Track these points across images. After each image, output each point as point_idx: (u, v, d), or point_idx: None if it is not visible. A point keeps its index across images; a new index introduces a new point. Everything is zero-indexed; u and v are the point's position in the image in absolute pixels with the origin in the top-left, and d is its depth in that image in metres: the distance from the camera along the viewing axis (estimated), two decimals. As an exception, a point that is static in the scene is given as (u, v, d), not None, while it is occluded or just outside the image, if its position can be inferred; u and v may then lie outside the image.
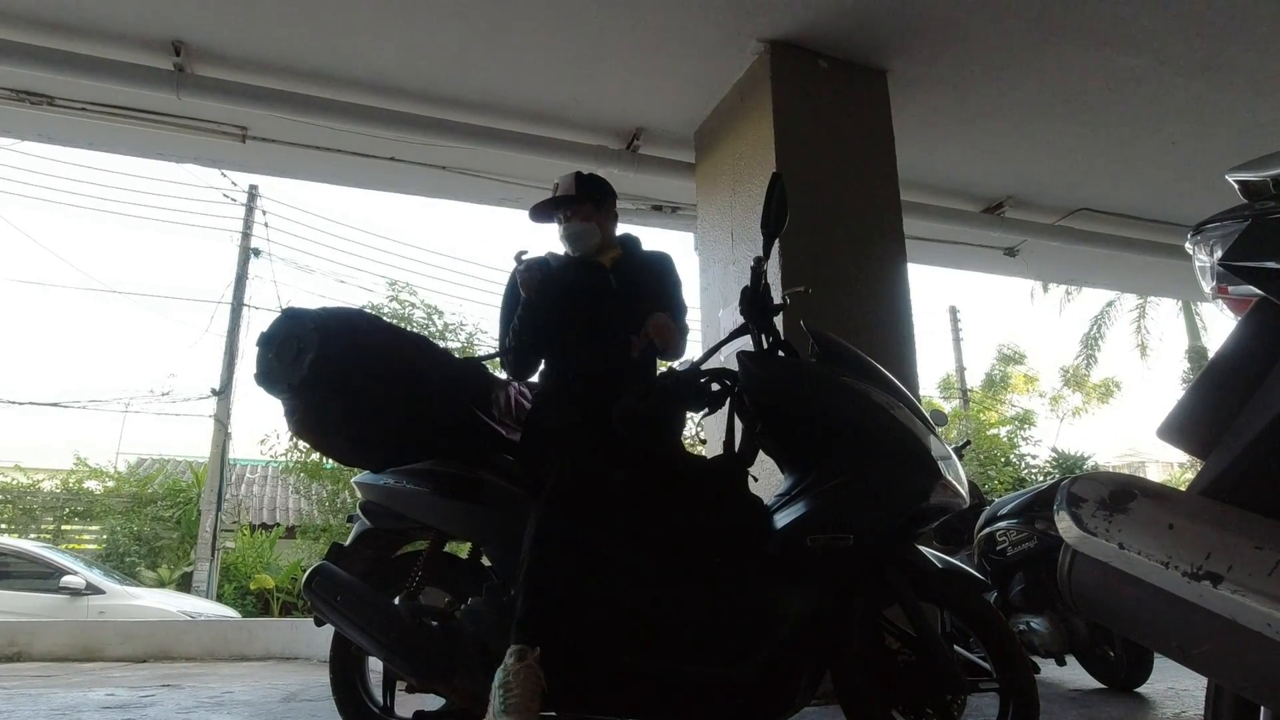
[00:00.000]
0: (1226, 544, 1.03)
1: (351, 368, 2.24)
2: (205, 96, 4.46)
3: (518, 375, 2.62)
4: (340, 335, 2.25)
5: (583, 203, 2.63)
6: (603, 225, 2.67)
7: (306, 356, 2.21)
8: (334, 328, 2.26)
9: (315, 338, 2.22)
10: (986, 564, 4.14)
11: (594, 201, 2.65)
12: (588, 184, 2.66)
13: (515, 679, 1.92)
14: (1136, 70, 4.50)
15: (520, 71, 4.54)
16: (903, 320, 4.06)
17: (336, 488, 12.10)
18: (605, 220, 2.69)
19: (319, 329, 2.24)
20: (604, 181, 2.73)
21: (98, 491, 14.48)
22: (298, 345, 2.24)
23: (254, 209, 13.94)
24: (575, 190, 2.63)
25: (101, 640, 6.67)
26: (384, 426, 2.30)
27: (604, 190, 2.70)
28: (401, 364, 2.32)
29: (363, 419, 2.28)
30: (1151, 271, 7.43)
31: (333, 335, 2.24)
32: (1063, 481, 1.23)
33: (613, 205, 2.73)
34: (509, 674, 1.93)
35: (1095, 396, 19.01)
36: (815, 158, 4.10)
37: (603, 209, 2.68)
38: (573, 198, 2.63)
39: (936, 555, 2.11)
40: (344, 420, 2.28)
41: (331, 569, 2.40)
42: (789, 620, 2.01)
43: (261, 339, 2.31)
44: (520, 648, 1.98)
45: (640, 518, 2.23)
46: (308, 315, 2.30)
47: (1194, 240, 1.39)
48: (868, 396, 2.09)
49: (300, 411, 2.28)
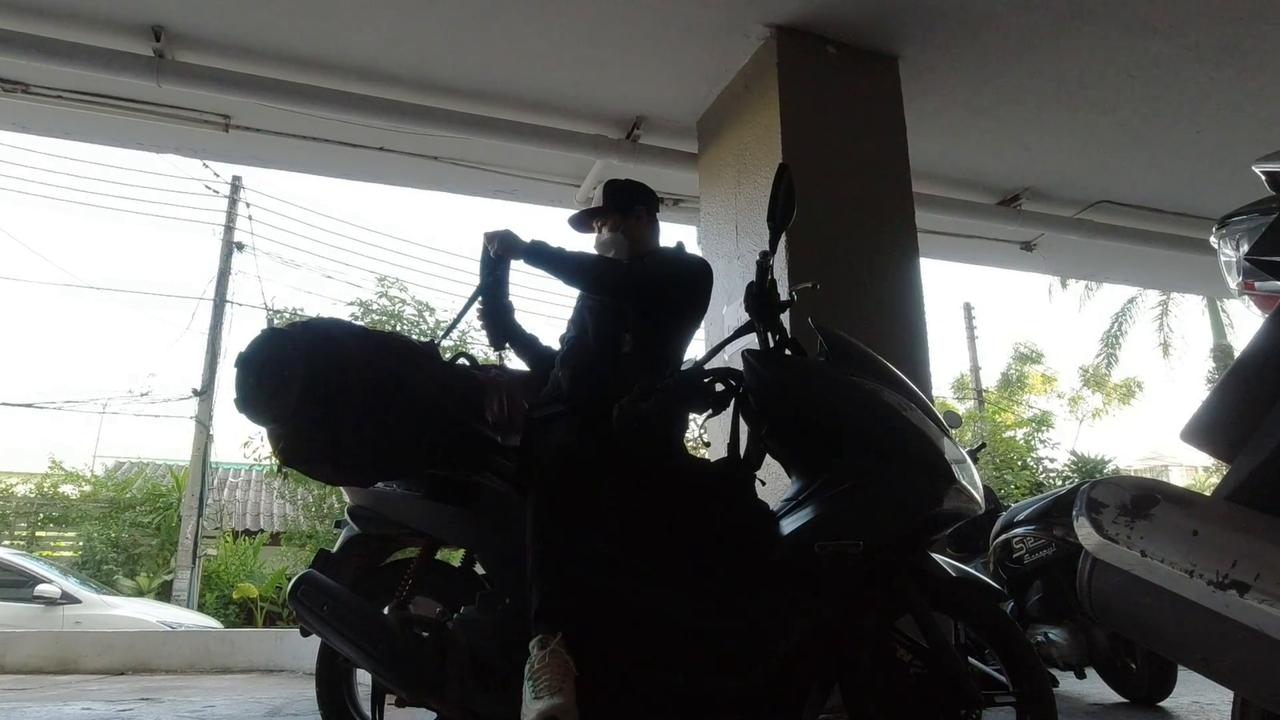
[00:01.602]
0: (1253, 551, 1.03)
1: (339, 392, 2.20)
2: (186, 84, 4.46)
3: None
4: (325, 358, 2.21)
5: (610, 213, 2.72)
6: (632, 233, 2.70)
7: (293, 386, 2.16)
8: (319, 350, 2.22)
9: (301, 367, 2.17)
10: (1002, 572, 4.15)
11: (621, 211, 2.72)
12: (613, 193, 2.75)
13: (542, 665, 1.96)
14: (1159, 57, 4.50)
15: (515, 57, 4.54)
16: (915, 317, 4.06)
17: (323, 492, 12.13)
18: (635, 228, 2.72)
19: (304, 356, 2.19)
20: (634, 187, 2.79)
21: (74, 496, 14.49)
22: (283, 373, 2.18)
23: (237, 201, 13.96)
24: (603, 200, 2.73)
25: (77, 652, 6.67)
26: (372, 447, 2.27)
27: (632, 197, 2.75)
28: (386, 377, 2.29)
29: (351, 443, 2.24)
30: (1175, 266, 7.43)
31: (318, 360, 2.20)
32: (1082, 486, 1.23)
33: (645, 212, 2.76)
34: (534, 663, 1.97)
35: (1116, 397, 19.01)
36: (823, 148, 4.10)
37: (631, 217, 2.72)
38: (600, 209, 2.73)
39: (950, 563, 2.11)
40: (332, 446, 2.23)
41: (318, 577, 2.39)
42: (796, 631, 2.01)
43: (240, 361, 2.25)
44: (542, 636, 2.01)
45: (641, 524, 2.23)
46: (291, 338, 2.26)
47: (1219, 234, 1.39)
48: (878, 397, 2.09)
49: (286, 440, 2.23)
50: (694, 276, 2.58)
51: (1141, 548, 1.11)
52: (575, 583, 2.11)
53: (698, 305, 2.61)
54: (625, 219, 2.71)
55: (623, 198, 2.74)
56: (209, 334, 13.31)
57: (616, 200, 2.73)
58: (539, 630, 2.03)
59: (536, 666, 1.96)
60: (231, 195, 13.96)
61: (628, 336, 2.45)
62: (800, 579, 2.03)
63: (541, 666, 1.96)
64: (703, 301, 2.62)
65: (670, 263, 2.59)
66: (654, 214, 2.80)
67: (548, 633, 2.01)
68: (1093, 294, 18.91)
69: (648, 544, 2.19)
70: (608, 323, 2.50)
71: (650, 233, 2.77)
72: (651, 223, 2.79)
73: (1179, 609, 1.07)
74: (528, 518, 2.17)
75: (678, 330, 2.58)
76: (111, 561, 12.80)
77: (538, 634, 2.02)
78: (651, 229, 2.78)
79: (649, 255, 2.66)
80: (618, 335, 2.46)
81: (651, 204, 2.79)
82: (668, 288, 2.50)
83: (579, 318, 2.61)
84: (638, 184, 2.81)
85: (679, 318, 2.57)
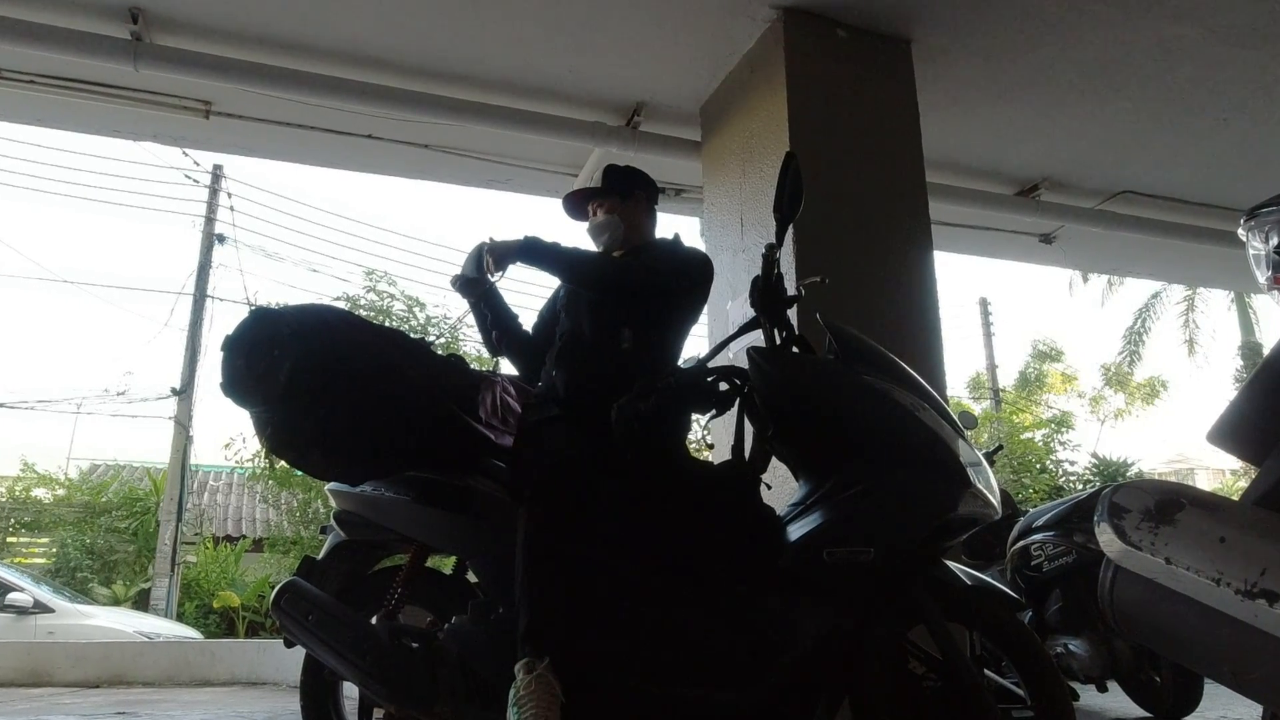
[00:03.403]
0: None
1: (331, 377, 2.21)
2: (165, 68, 4.45)
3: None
4: (318, 340, 2.23)
5: (608, 195, 2.71)
6: (629, 218, 2.70)
7: (282, 368, 2.16)
8: (310, 332, 2.23)
9: (291, 346, 2.18)
10: (1020, 580, 4.15)
11: (620, 194, 2.71)
12: (614, 175, 2.76)
13: (527, 692, 1.95)
14: (1185, 39, 4.49)
15: (510, 40, 4.53)
16: (928, 313, 4.05)
17: (308, 496, 12.10)
18: (633, 213, 2.72)
19: (295, 335, 2.20)
20: (636, 173, 2.79)
21: (46, 500, 14.51)
22: (271, 353, 2.19)
23: (218, 191, 13.96)
24: (602, 182, 2.74)
25: (50, 663, 6.68)
26: (364, 437, 2.28)
27: (632, 182, 2.76)
28: (381, 365, 2.30)
29: (342, 431, 2.25)
30: (1201, 260, 7.42)
31: (310, 341, 2.21)
32: (1104, 490, 1.23)
33: (645, 199, 2.77)
34: (519, 689, 1.96)
35: (1139, 397, 19.00)
36: (833, 136, 4.09)
37: (630, 201, 2.72)
38: (597, 190, 2.73)
39: (965, 571, 2.11)
40: (322, 434, 2.24)
41: (302, 585, 2.39)
42: (804, 642, 2.01)
43: (227, 343, 2.26)
44: (528, 660, 2.00)
45: (641, 530, 2.23)
46: (281, 318, 2.27)
47: (1248, 226, 1.39)
48: (890, 397, 2.09)
49: (274, 426, 2.24)
50: (695, 270, 2.59)
51: (1166, 555, 1.11)
52: (566, 601, 2.09)
53: (698, 300, 2.62)
54: (624, 203, 2.71)
55: (624, 181, 2.75)
56: (189, 330, 13.31)
57: (616, 182, 2.73)
58: (525, 653, 2.01)
59: (521, 693, 1.95)
60: (212, 185, 13.96)
61: (627, 333, 2.45)
62: (808, 588, 2.04)
63: (527, 694, 1.94)
64: (703, 296, 2.63)
65: (669, 256, 2.59)
66: (654, 204, 2.81)
67: (534, 657, 2.00)
68: (1115, 289, 18.91)
69: (647, 551, 2.19)
70: (606, 318, 2.50)
71: (648, 222, 2.78)
72: (650, 212, 2.79)
73: (1205, 619, 1.07)
74: (519, 527, 2.17)
75: (678, 327, 2.58)
76: (86, 569, 12.81)
77: (524, 657, 2.01)
78: (650, 218, 2.79)
79: (646, 248, 2.66)
80: (616, 332, 2.46)
81: (653, 192, 2.80)
82: (669, 282, 2.51)
83: (573, 312, 2.60)
84: (640, 170, 2.81)
85: (679, 313, 2.57)
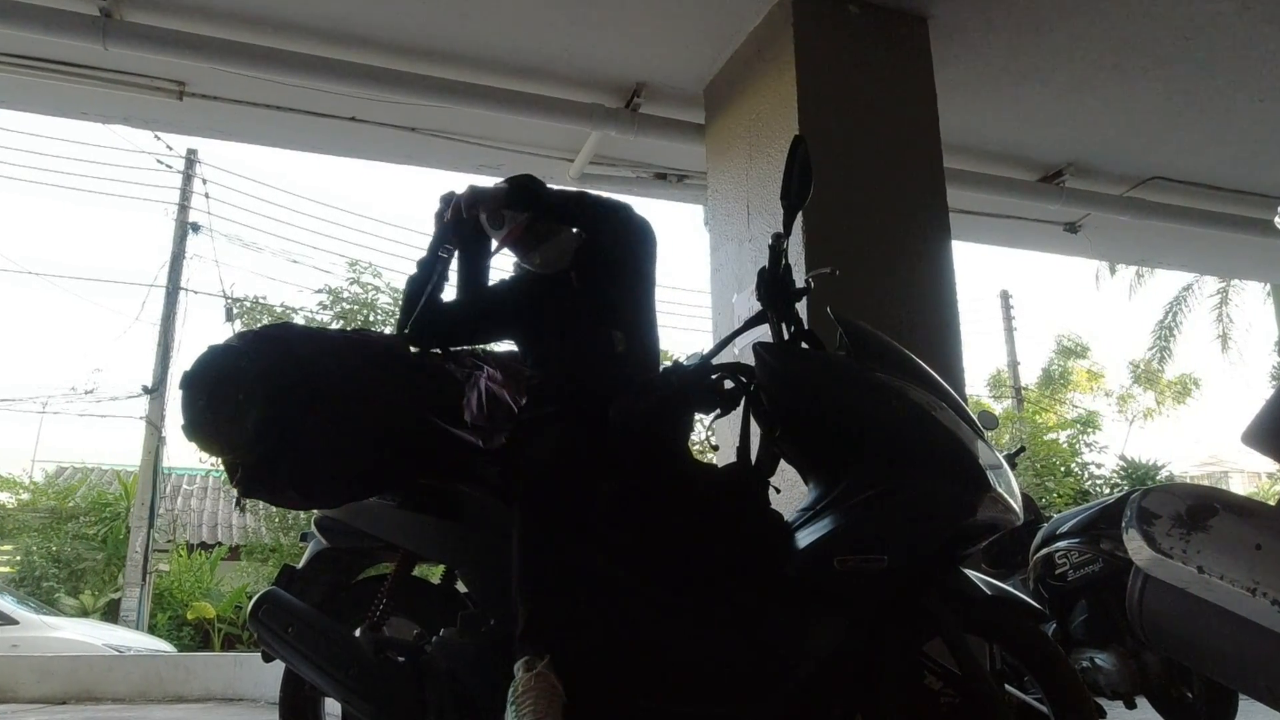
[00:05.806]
0: (1323, 567, 1.03)
1: (303, 412, 2.17)
2: (136, 46, 4.44)
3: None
4: (283, 376, 2.18)
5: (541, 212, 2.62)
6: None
7: (249, 415, 2.12)
8: (274, 367, 2.18)
9: (256, 388, 2.14)
10: (1044, 590, 4.15)
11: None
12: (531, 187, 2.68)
13: (526, 689, 1.95)
14: (1217, 16, 4.49)
15: (502, 17, 4.53)
16: (946, 307, 4.05)
17: (288, 501, 12.12)
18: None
19: (260, 374, 2.16)
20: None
21: (10, 505, 14.52)
22: (237, 396, 2.15)
23: (193, 177, 13.97)
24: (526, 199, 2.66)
25: (14, 678, 6.67)
26: (341, 470, 2.26)
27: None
28: (354, 389, 2.27)
29: (319, 468, 2.23)
30: (1235, 250, 7.42)
31: (275, 378, 2.17)
32: (1132, 494, 1.23)
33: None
34: (519, 686, 1.97)
35: (1170, 396, 19.06)
36: (844, 118, 4.09)
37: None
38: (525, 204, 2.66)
39: (985, 580, 2.11)
40: (298, 470, 2.22)
41: (282, 596, 2.40)
42: (813, 655, 2.02)
43: (186, 381, 2.22)
44: (527, 658, 2.01)
45: (641, 536, 2.23)
46: (243, 351, 2.22)
47: (1286, 214, 1.39)
48: (905, 395, 2.09)
49: (245, 469, 2.21)
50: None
51: (1199, 563, 1.11)
52: (566, 600, 2.11)
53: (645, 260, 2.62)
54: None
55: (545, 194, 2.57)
56: (161, 325, 13.33)
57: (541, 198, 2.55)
58: (524, 651, 2.02)
59: (521, 691, 1.96)
60: (186, 171, 13.97)
61: (619, 334, 2.45)
62: (818, 598, 2.04)
63: (526, 691, 1.95)
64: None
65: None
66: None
67: (534, 654, 2.01)
68: (1144, 281, 18.89)
69: (648, 558, 2.20)
70: (597, 320, 2.50)
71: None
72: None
73: (1240, 631, 1.07)
74: (514, 529, 2.17)
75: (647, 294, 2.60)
76: (52, 578, 12.83)
77: (523, 655, 2.02)
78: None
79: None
80: (609, 334, 2.46)
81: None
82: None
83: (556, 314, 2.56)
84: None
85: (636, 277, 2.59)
